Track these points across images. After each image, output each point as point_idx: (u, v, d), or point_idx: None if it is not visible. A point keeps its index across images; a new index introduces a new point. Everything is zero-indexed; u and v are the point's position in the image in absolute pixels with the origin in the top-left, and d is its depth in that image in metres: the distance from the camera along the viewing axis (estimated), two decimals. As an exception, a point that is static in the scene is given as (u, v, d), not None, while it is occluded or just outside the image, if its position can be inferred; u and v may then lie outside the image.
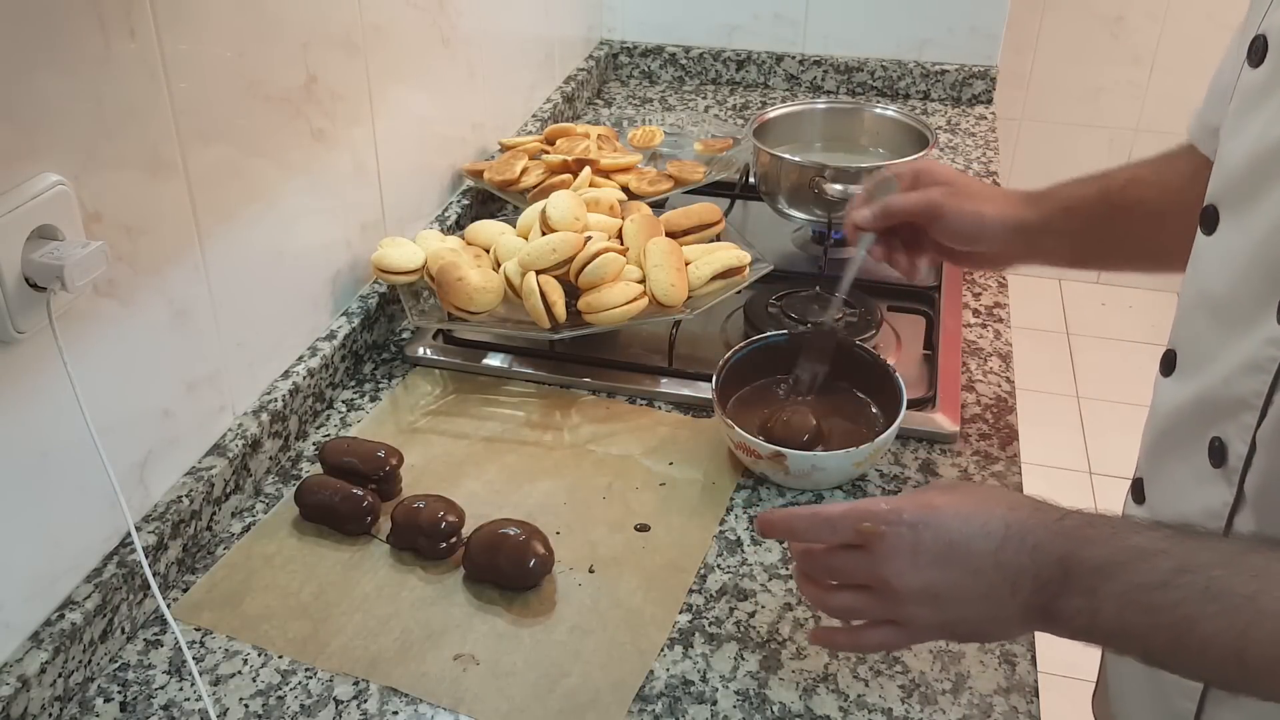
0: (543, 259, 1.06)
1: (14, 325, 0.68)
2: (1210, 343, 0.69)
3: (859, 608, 0.68)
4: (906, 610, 0.65)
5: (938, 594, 0.63)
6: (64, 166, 0.71)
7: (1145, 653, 0.60)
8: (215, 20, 0.85)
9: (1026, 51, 2.92)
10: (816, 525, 0.67)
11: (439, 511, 0.87)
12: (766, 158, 1.28)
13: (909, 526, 0.63)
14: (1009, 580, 0.60)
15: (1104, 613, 0.58)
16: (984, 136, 1.64)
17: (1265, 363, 0.64)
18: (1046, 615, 0.60)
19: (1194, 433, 0.70)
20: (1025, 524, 0.60)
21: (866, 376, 1.00)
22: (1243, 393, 0.65)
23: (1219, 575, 0.55)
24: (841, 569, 0.67)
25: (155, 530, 0.83)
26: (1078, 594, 0.58)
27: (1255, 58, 0.68)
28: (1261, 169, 0.65)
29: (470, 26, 1.32)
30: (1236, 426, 0.66)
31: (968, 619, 0.64)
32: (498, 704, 0.75)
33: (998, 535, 0.61)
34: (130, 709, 0.75)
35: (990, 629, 0.65)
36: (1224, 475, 0.68)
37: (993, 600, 0.62)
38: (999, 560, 0.61)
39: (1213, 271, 0.70)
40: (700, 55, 1.83)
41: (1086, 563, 0.58)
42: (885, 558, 0.63)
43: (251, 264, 0.94)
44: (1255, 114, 0.66)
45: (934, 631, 0.67)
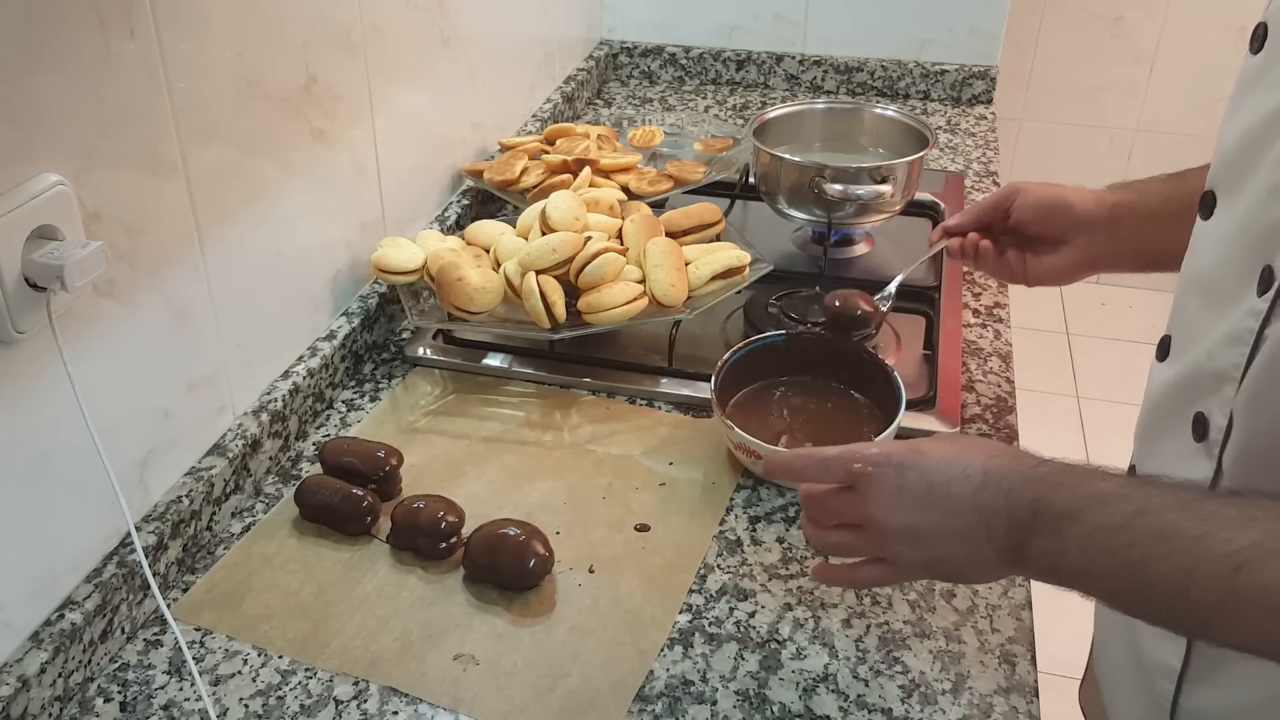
0: (543, 259, 1.06)
1: (14, 325, 0.69)
2: (1199, 323, 0.70)
3: (850, 545, 0.71)
4: (892, 548, 0.68)
5: (919, 533, 0.66)
6: (64, 166, 0.71)
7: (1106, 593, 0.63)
8: (215, 20, 0.85)
9: (1026, 51, 2.92)
10: (813, 466, 0.71)
11: (439, 511, 0.87)
12: (766, 158, 1.28)
13: (895, 468, 0.67)
14: (985, 521, 0.64)
15: (1068, 554, 0.61)
16: (984, 136, 1.64)
17: (1244, 334, 0.65)
18: (1018, 558, 0.63)
19: (1179, 410, 0.71)
20: (1002, 469, 0.64)
21: (865, 377, 1.00)
22: (1223, 365, 0.66)
23: (1172, 518, 0.58)
24: (836, 509, 0.71)
25: (155, 530, 0.83)
26: (1045, 536, 0.61)
27: (1256, 44, 0.69)
28: (1249, 147, 0.67)
29: (470, 27, 1.32)
30: (1218, 400, 0.67)
31: (948, 558, 0.67)
32: (498, 704, 0.75)
33: (976, 479, 0.64)
34: (130, 709, 0.75)
35: (970, 569, 0.68)
36: (1205, 449, 0.69)
37: (970, 541, 0.65)
38: (976, 502, 0.64)
39: (1205, 254, 0.71)
40: (700, 55, 1.83)
41: (1054, 506, 0.61)
42: (873, 497, 0.67)
43: (251, 264, 0.94)
44: (1249, 97, 0.68)
45: (918, 570, 0.71)
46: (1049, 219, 0.94)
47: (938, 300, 1.18)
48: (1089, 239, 0.93)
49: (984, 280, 1.25)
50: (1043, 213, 0.94)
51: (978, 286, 1.24)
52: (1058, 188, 0.95)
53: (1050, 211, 0.94)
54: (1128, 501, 0.60)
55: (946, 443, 0.68)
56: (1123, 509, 0.59)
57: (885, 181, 1.22)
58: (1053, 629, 1.16)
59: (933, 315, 1.17)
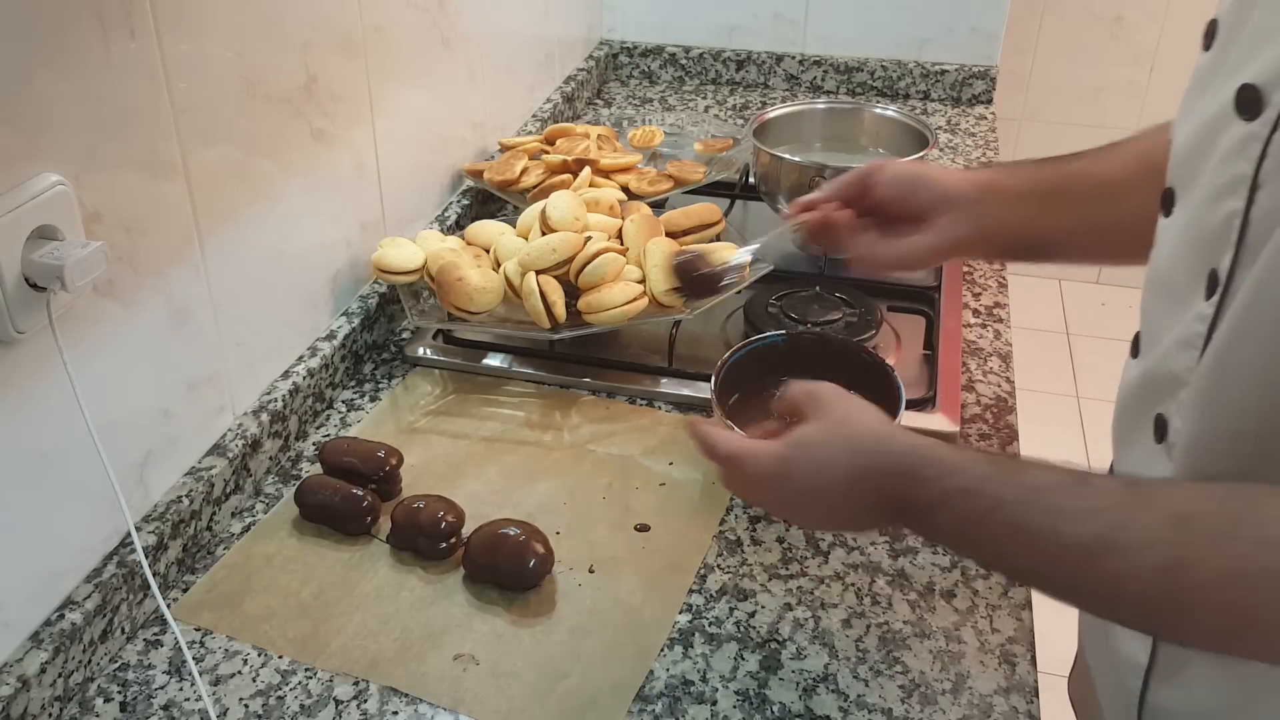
0: (543, 259, 1.06)
1: (14, 325, 0.69)
2: (1160, 322, 0.71)
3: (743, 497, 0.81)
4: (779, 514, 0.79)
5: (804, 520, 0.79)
6: (64, 166, 0.71)
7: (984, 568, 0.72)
8: (215, 20, 0.85)
9: (1026, 51, 2.92)
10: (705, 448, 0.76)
11: (439, 511, 0.87)
12: (766, 158, 1.28)
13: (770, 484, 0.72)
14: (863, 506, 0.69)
15: (941, 537, 0.67)
16: (984, 136, 1.65)
17: (1194, 338, 0.65)
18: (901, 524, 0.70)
19: (1143, 410, 0.72)
20: (869, 468, 0.68)
21: (865, 377, 1.00)
22: (1177, 369, 0.66)
23: (1021, 511, 0.61)
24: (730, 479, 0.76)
25: (155, 530, 0.83)
26: (917, 521, 0.67)
27: (1207, 41, 0.69)
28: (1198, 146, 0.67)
29: (470, 26, 1.32)
30: (1175, 403, 0.67)
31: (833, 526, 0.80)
32: (498, 704, 0.75)
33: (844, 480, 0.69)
34: (130, 709, 0.75)
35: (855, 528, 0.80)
36: (1165, 451, 0.69)
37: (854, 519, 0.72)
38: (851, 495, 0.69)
39: (1163, 252, 0.71)
40: (700, 55, 1.83)
41: (919, 500, 0.65)
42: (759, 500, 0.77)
43: (251, 264, 0.94)
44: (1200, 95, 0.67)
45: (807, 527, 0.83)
46: (910, 194, 0.88)
47: (938, 300, 1.18)
48: (952, 217, 0.87)
49: (984, 280, 1.25)
50: (904, 187, 0.88)
51: (978, 286, 1.25)
52: (920, 164, 0.91)
53: (911, 186, 0.88)
54: (980, 497, 0.63)
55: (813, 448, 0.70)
56: (976, 504, 0.63)
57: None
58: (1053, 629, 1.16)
59: (933, 315, 1.17)
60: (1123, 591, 0.59)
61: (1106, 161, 0.87)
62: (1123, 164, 0.86)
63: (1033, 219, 0.88)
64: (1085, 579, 0.60)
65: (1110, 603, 0.62)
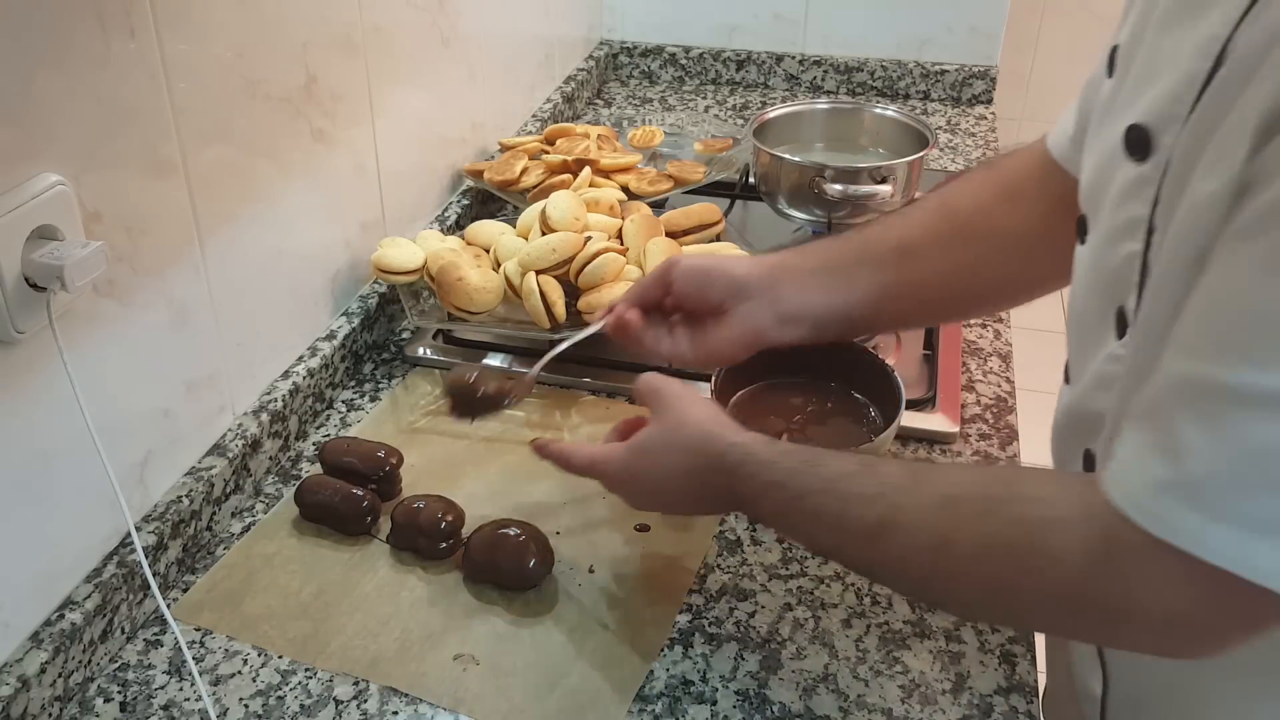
0: (543, 259, 1.06)
1: (14, 325, 0.68)
2: (1081, 354, 0.71)
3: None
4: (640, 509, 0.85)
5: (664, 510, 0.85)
6: (64, 166, 0.71)
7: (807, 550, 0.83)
8: (215, 20, 0.85)
9: (1026, 51, 2.92)
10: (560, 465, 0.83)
11: (439, 511, 0.87)
12: (766, 158, 1.28)
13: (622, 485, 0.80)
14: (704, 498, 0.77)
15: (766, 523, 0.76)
16: (984, 136, 1.65)
17: (1109, 379, 0.66)
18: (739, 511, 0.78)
19: (1075, 445, 0.72)
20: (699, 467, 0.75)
21: (865, 377, 1.00)
22: (1099, 408, 0.67)
23: (819, 500, 0.68)
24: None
25: (155, 530, 0.83)
26: (747, 510, 0.75)
27: (1110, 68, 0.69)
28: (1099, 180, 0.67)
29: (470, 26, 1.32)
30: (1099, 441, 0.68)
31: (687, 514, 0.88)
32: (498, 704, 0.75)
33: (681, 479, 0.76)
34: (130, 709, 0.75)
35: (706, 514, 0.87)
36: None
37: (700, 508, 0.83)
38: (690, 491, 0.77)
39: (1079, 283, 0.71)
40: (700, 55, 1.83)
41: (742, 494, 0.72)
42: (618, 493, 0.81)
43: (251, 264, 0.94)
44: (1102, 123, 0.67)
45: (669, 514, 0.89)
46: (706, 287, 0.87)
47: (938, 300, 1.18)
48: (750, 304, 0.86)
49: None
50: (699, 281, 0.87)
51: (978, 286, 1.24)
52: (713, 256, 0.90)
53: (706, 278, 0.87)
54: (787, 489, 0.69)
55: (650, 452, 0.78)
56: (786, 495, 0.70)
57: (885, 181, 1.22)
58: (1053, 629, 1.16)
59: (933, 315, 1.17)
60: (903, 566, 0.65)
61: (904, 222, 0.87)
62: (922, 222, 0.86)
63: (831, 295, 0.86)
64: (873, 556, 0.67)
65: (895, 576, 0.69)
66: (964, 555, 0.61)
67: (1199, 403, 0.52)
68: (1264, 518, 0.50)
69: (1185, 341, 0.54)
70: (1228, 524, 0.51)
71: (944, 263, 0.84)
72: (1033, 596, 0.60)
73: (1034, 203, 0.82)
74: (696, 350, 0.88)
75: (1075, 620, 0.61)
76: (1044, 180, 0.81)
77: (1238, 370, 0.50)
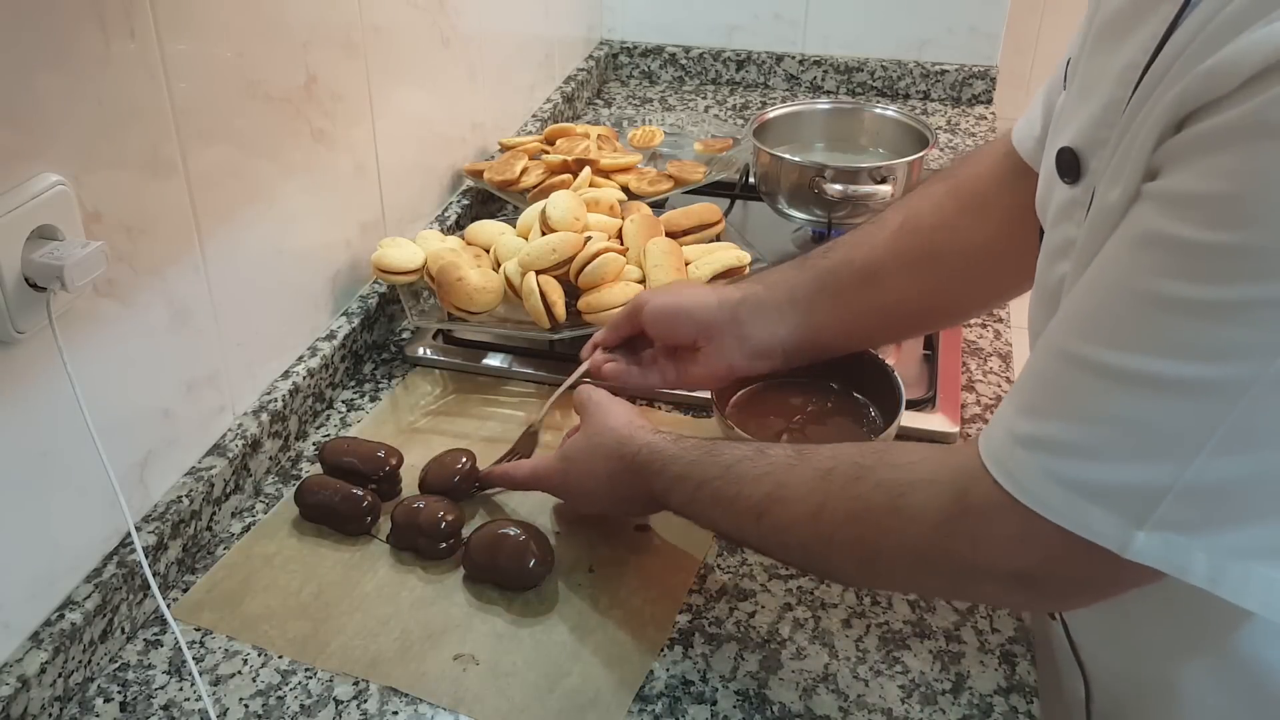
0: (543, 259, 1.06)
1: (14, 325, 0.68)
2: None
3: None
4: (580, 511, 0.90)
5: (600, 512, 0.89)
6: (64, 166, 0.71)
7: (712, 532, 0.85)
8: (215, 20, 0.85)
9: (1026, 51, 2.92)
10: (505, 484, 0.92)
11: (439, 511, 0.87)
12: (766, 158, 1.28)
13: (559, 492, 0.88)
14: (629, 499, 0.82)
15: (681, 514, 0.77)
16: (984, 136, 1.64)
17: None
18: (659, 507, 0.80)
19: None
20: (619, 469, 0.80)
21: (865, 377, 1.00)
22: None
23: (717, 485, 0.72)
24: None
25: (155, 530, 0.83)
26: (661, 501, 0.78)
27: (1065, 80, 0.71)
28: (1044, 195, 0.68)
29: (470, 26, 1.32)
30: None
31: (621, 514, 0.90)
32: (498, 704, 0.75)
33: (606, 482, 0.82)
34: (130, 709, 0.75)
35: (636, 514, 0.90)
36: None
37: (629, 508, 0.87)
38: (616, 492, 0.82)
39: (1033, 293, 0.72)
40: (700, 55, 1.83)
41: (656, 489, 0.77)
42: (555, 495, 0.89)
43: (251, 264, 0.94)
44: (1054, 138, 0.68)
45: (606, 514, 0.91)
46: (673, 328, 0.89)
47: (938, 300, 1.18)
48: (718, 343, 0.88)
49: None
50: (666, 322, 0.89)
51: (978, 286, 1.24)
52: (677, 294, 0.90)
53: (671, 320, 0.89)
54: (690, 480, 0.74)
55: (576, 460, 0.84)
56: (689, 485, 0.74)
57: (885, 181, 1.22)
58: (1053, 629, 1.16)
59: (933, 315, 1.17)
60: (786, 538, 0.69)
61: (865, 246, 0.88)
62: (885, 243, 0.87)
63: (797, 327, 0.88)
64: (762, 531, 0.70)
65: (781, 548, 0.72)
66: (835, 520, 0.65)
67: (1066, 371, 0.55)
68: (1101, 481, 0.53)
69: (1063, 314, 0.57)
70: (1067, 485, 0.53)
71: (909, 286, 0.86)
72: (892, 556, 0.63)
73: (997, 212, 0.83)
74: (681, 379, 0.92)
75: (931, 577, 0.65)
76: (1006, 186, 0.82)
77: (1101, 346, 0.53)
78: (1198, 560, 0.52)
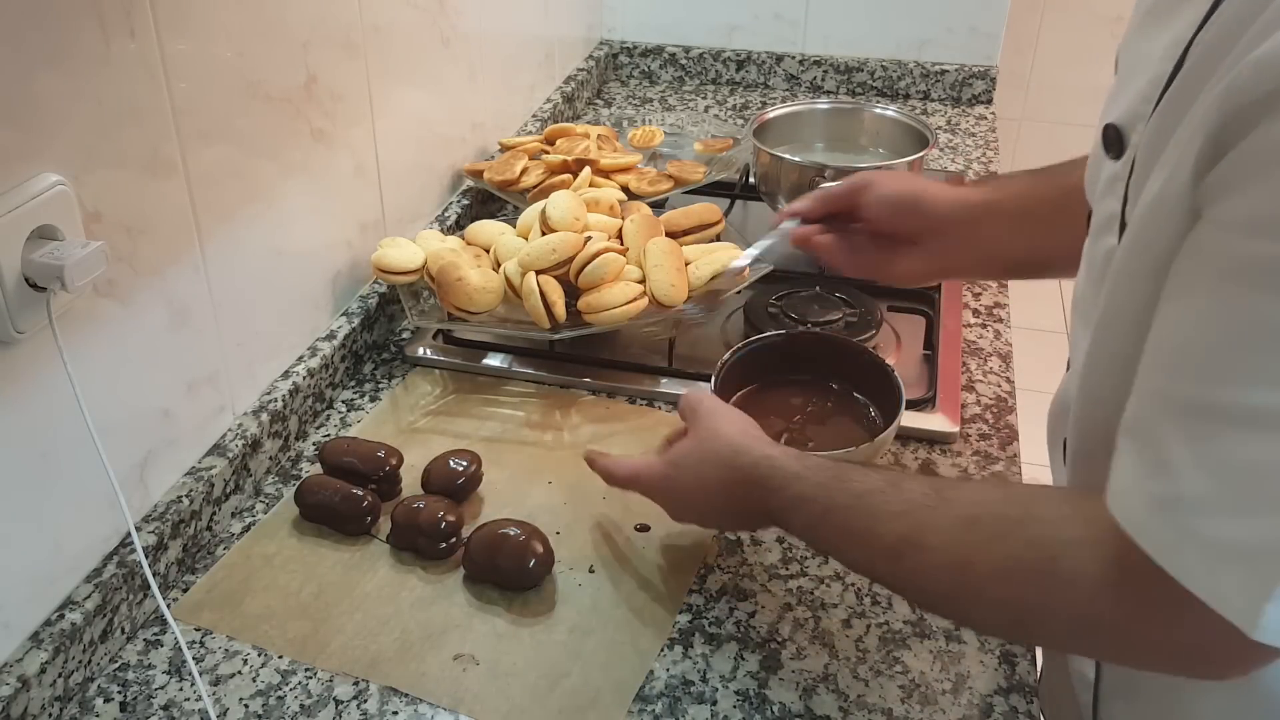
0: (543, 259, 1.06)
1: (14, 325, 0.68)
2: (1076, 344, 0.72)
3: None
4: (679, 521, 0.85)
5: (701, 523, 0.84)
6: (64, 166, 0.71)
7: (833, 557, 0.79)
8: (215, 20, 0.85)
9: (1026, 51, 2.92)
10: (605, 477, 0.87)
11: (439, 511, 0.87)
12: (766, 158, 1.28)
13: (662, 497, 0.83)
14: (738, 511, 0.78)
15: (796, 535, 0.75)
16: (984, 136, 1.65)
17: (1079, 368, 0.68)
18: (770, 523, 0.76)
19: (1057, 432, 0.74)
20: (732, 480, 0.76)
21: (865, 377, 1.00)
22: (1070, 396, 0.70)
23: (846, 517, 0.69)
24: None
25: (155, 530, 0.83)
26: (779, 521, 0.75)
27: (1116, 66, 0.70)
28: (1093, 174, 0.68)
29: (470, 27, 1.32)
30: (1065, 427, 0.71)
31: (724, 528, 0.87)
32: (498, 704, 0.75)
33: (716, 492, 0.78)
34: (130, 709, 0.75)
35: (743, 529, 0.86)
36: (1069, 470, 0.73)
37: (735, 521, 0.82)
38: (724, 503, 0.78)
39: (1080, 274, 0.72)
40: (700, 55, 1.83)
41: (773, 506, 0.73)
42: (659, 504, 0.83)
43: (251, 264, 0.94)
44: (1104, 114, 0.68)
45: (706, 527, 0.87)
46: (900, 217, 0.86)
47: (938, 300, 1.18)
48: (942, 242, 0.85)
49: (984, 280, 1.25)
50: (893, 210, 0.86)
51: (978, 286, 1.24)
52: (914, 182, 0.88)
53: (901, 209, 0.86)
54: (816, 503, 0.70)
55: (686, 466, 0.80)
56: (815, 509, 0.70)
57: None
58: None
59: (933, 315, 1.17)
60: (925, 584, 0.66)
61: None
62: None
63: (1032, 241, 0.85)
64: (898, 572, 0.67)
65: (918, 593, 0.69)
66: (983, 576, 0.62)
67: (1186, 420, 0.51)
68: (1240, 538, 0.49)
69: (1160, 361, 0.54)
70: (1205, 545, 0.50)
71: None
72: (1049, 618, 0.60)
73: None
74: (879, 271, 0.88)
75: (1092, 642, 0.61)
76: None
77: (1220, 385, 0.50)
78: None
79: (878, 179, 0.87)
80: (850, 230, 0.90)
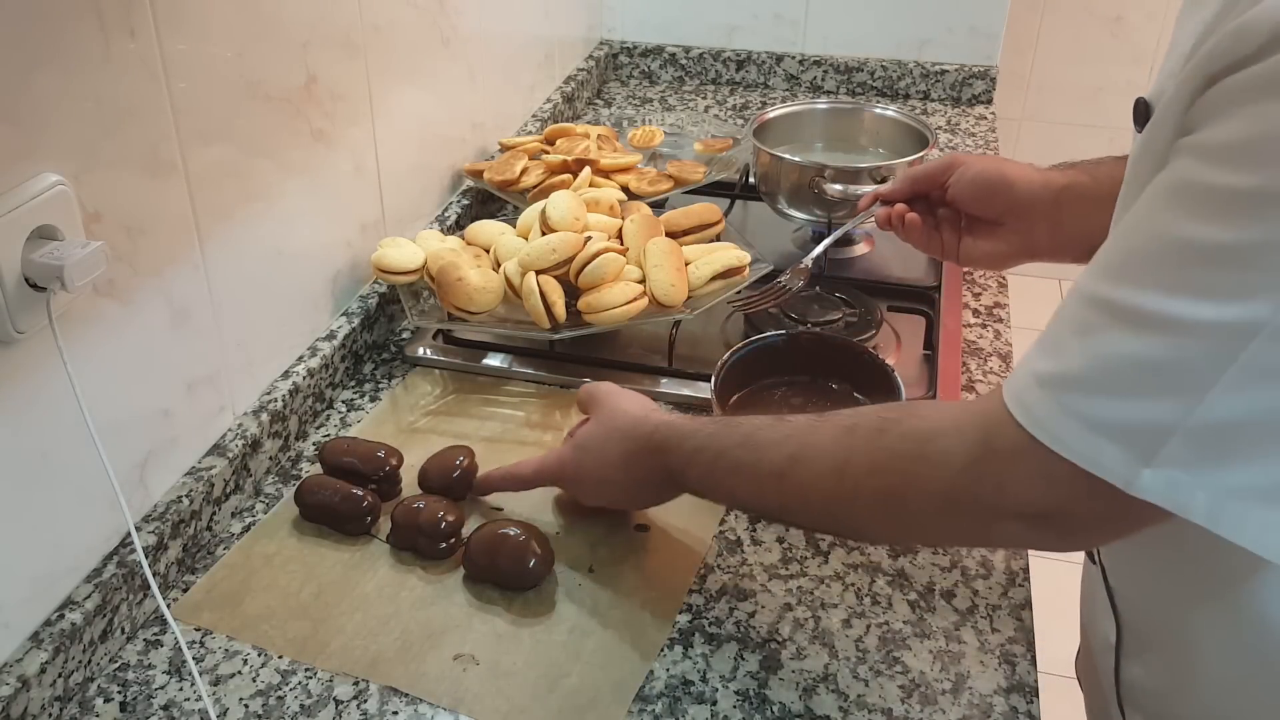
0: (543, 259, 1.06)
1: (14, 325, 0.68)
2: None
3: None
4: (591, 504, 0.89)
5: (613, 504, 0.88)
6: (64, 166, 0.71)
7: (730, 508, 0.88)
8: (215, 20, 0.85)
9: (1026, 51, 2.92)
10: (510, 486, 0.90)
11: (439, 511, 0.87)
12: (766, 158, 1.28)
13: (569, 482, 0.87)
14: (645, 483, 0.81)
15: (698, 491, 0.78)
16: (984, 136, 1.65)
17: None
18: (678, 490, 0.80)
19: None
20: (634, 450, 0.80)
21: (865, 377, 1.00)
22: None
23: (737, 454, 0.72)
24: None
25: (155, 530, 0.83)
26: (682, 484, 0.78)
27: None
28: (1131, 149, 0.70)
29: (470, 27, 1.32)
30: None
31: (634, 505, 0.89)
32: (498, 704, 0.75)
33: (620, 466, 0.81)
34: (130, 709, 0.75)
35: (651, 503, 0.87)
36: None
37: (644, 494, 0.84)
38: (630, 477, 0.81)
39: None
40: (700, 55, 1.83)
41: (673, 466, 0.77)
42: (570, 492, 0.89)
43: (251, 264, 0.94)
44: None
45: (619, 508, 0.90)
46: (986, 198, 0.87)
47: (938, 300, 1.18)
48: (1028, 224, 0.87)
49: (984, 280, 1.25)
50: (980, 190, 0.87)
51: (978, 286, 1.24)
52: (1001, 163, 0.89)
53: (988, 190, 0.87)
54: (708, 451, 0.74)
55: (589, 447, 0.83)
56: (707, 457, 0.74)
57: (885, 181, 1.21)
58: (1053, 629, 1.16)
59: (933, 315, 1.17)
60: (808, 495, 0.69)
61: None
62: None
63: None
64: (784, 489, 0.70)
65: (803, 508, 0.72)
66: (859, 473, 0.65)
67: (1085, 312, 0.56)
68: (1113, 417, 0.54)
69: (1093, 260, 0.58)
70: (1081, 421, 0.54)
71: None
72: (919, 503, 0.63)
73: None
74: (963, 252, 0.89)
75: (958, 521, 0.64)
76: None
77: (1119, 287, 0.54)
78: (1198, 499, 0.53)
79: (965, 160, 0.89)
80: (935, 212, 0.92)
